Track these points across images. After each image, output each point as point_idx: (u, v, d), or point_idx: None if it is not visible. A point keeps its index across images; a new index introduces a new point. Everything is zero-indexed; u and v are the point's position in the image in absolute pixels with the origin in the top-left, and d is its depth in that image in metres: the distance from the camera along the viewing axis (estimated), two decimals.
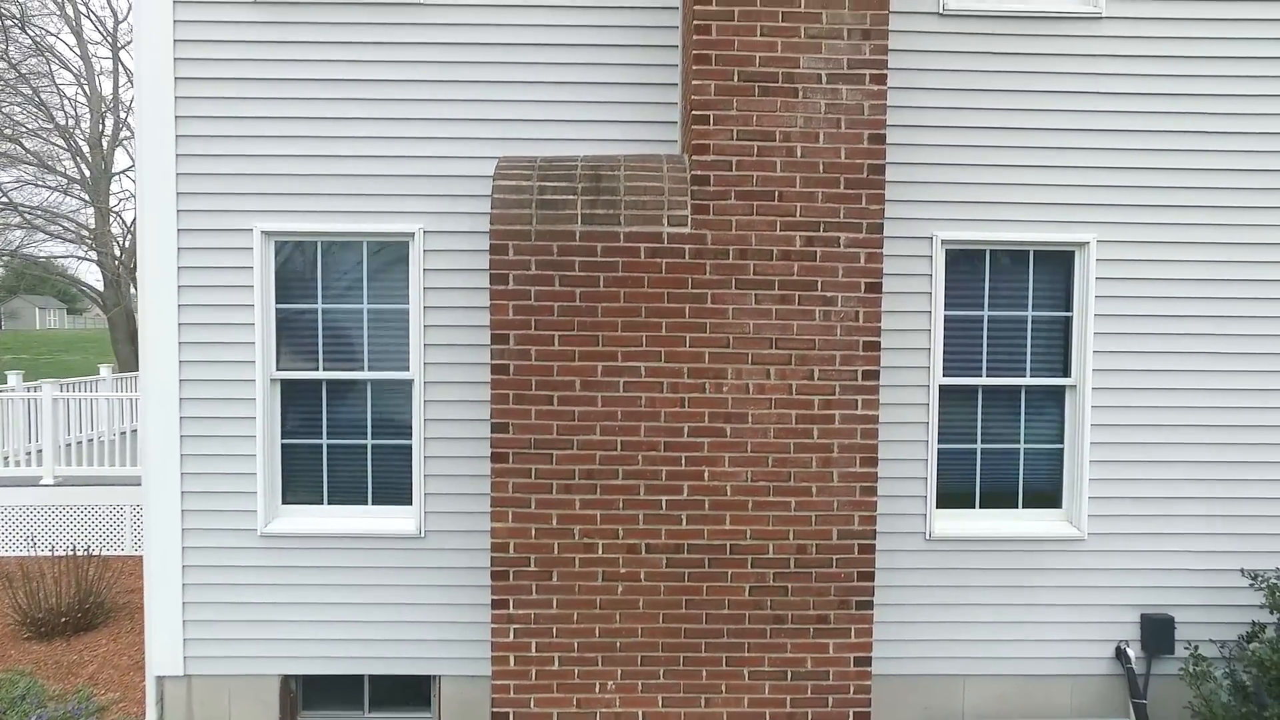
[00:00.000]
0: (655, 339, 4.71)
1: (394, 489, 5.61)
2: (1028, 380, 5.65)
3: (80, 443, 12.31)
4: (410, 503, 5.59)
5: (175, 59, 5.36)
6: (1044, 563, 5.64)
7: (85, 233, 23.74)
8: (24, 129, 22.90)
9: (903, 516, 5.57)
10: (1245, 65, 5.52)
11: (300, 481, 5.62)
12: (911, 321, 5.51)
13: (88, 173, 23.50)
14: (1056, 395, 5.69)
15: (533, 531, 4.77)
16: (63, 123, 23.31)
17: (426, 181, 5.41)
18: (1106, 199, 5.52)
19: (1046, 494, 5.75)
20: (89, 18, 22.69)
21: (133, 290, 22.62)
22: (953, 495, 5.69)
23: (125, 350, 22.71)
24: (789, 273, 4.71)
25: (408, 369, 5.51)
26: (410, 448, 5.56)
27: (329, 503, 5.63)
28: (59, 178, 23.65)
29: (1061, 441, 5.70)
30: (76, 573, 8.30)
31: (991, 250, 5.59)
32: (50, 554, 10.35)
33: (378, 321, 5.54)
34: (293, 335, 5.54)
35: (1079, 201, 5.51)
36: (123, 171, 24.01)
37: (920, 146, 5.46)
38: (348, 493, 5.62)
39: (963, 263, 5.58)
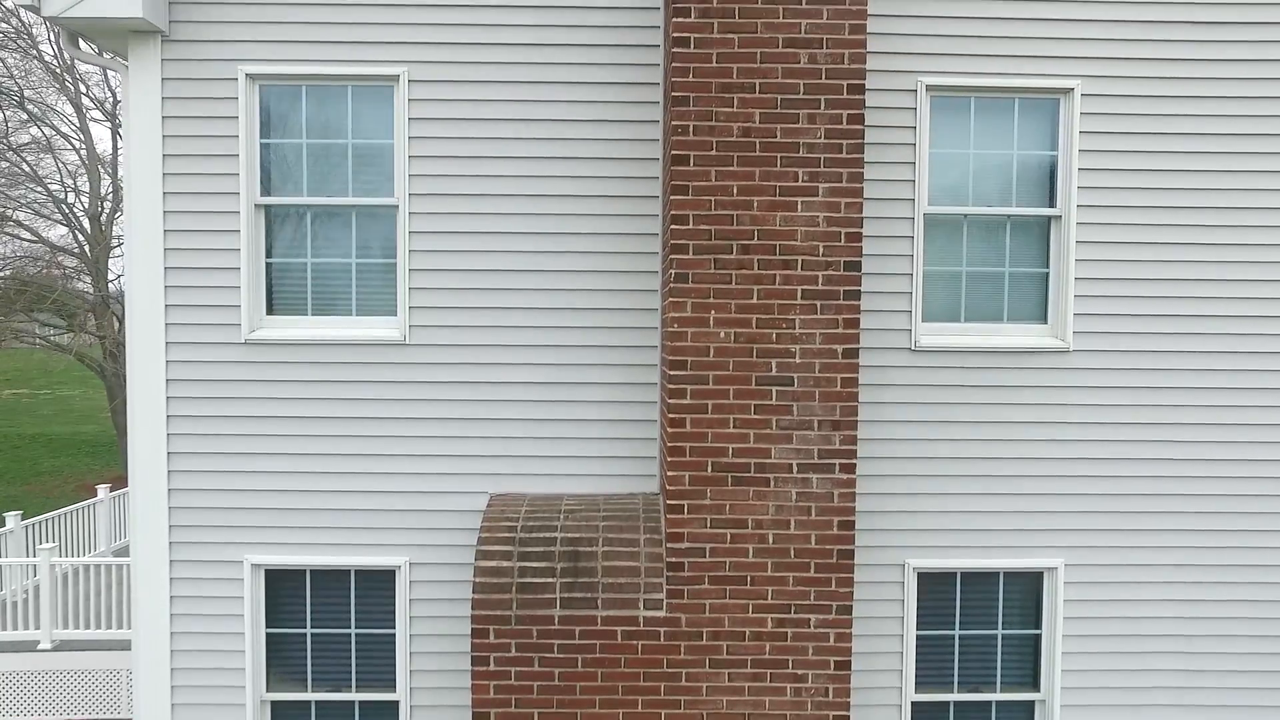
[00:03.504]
0: (631, 715, 4.86)
1: None
2: (998, 696, 5.80)
3: (78, 570, 12.42)
4: None
5: (168, 397, 5.51)
6: None
7: (85, 305, 23.91)
8: (20, 204, 23.06)
9: None
10: (1214, 395, 5.66)
11: None
12: (883, 645, 5.66)
13: (86, 246, 23.67)
14: (1026, 706, 5.84)
15: None
16: (60, 195, 23.49)
17: (413, 515, 5.56)
18: (1075, 524, 5.66)
19: None
20: (88, 95, 22.77)
21: None
22: None
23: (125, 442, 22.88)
24: (761, 652, 4.87)
25: (394, 690, 5.66)
26: None
27: None
28: (55, 250, 23.82)
29: None
30: None
31: (963, 572, 5.74)
32: None
33: (365, 645, 5.69)
34: (283, 659, 5.69)
35: (1049, 527, 5.66)
36: (120, 244, 24.16)
37: (890, 478, 5.60)
38: None
39: (935, 585, 5.73)
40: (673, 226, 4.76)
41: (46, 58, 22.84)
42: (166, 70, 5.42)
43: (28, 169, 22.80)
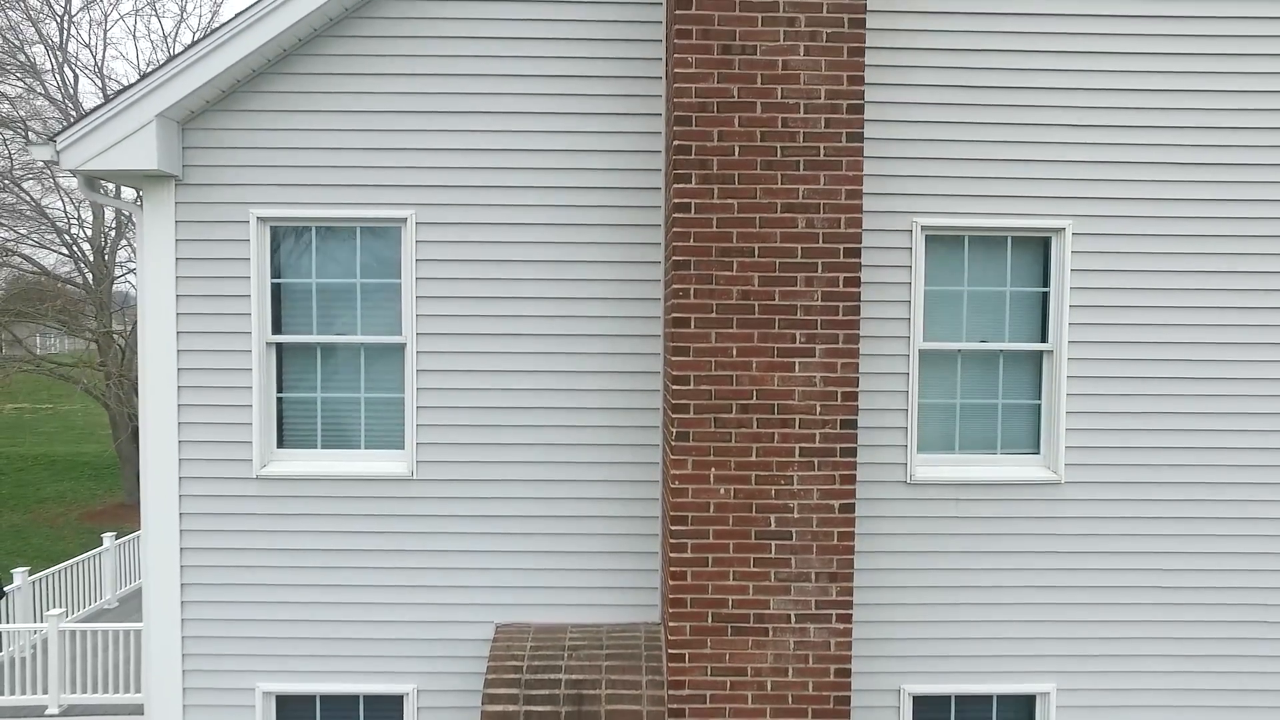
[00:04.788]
0: None
1: None
2: None
3: (85, 633, 12.52)
4: None
5: (181, 530, 5.65)
6: None
7: (90, 336, 24.04)
8: (22, 236, 23.18)
9: None
10: (1205, 525, 5.80)
11: None
12: None
13: (90, 275, 23.83)
14: None
15: None
16: (64, 226, 23.66)
17: (421, 644, 5.70)
18: (1067, 650, 5.80)
19: None
20: None
21: (138, 400, 22.86)
22: None
23: (131, 482, 23.56)
24: None
25: None
26: None
27: None
28: (58, 281, 23.99)
29: None
30: None
31: (957, 696, 5.88)
32: None
33: None
34: None
35: (1041, 653, 5.80)
36: (126, 275, 24.35)
37: (886, 606, 5.74)
38: None
39: (929, 709, 5.87)
40: (674, 387, 4.89)
41: (50, 88, 23.04)
42: (180, 213, 5.55)
43: (31, 200, 22.95)
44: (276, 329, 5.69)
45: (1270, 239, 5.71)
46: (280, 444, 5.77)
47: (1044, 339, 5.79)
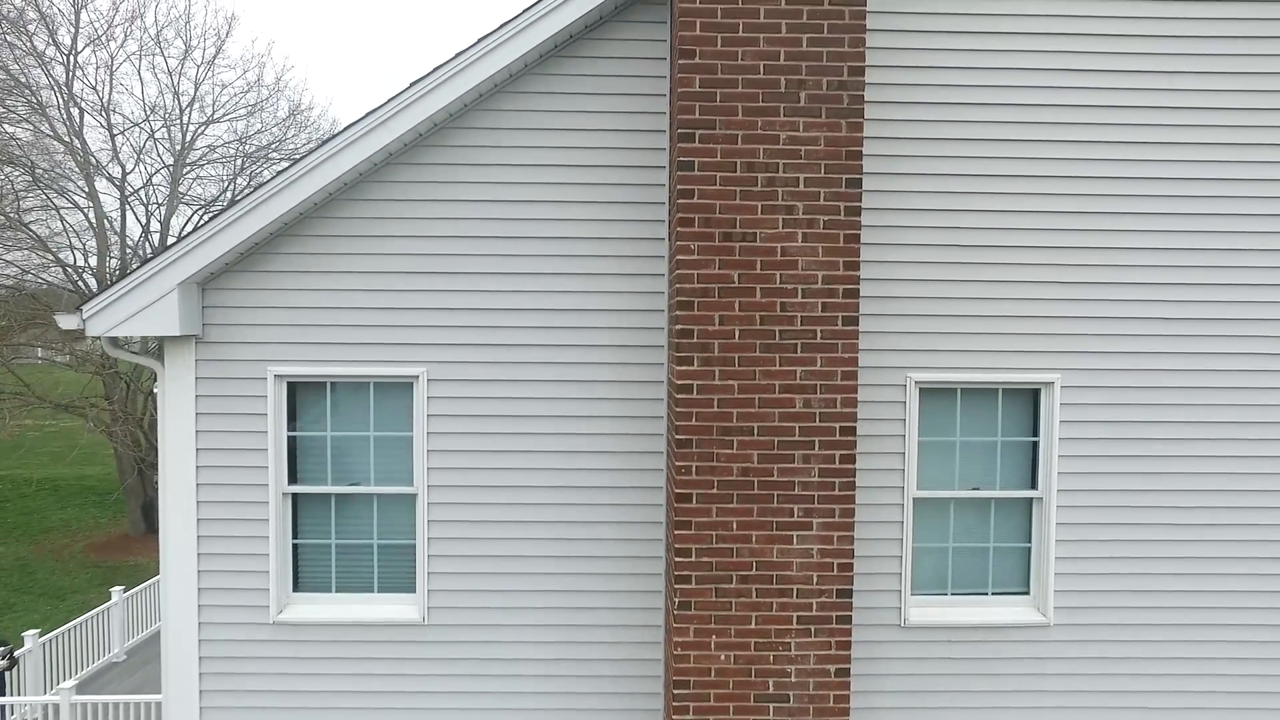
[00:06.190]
0: None
1: None
2: None
3: (97, 704, 12.66)
4: None
5: (201, 674, 5.86)
6: None
7: (94, 370, 24.25)
8: (25, 270, 23.41)
9: None
10: (1193, 665, 6.01)
11: None
12: None
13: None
14: None
15: None
16: (69, 260, 23.92)
17: None
18: None
19: None
20: (98, 170, 23.08)
21: (142, 437, 23.10)
22: None
23: (135, 515, 23.90)
24: None
25: None
26: None
27: None
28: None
29: None
30: None
31: None
32: None
33: None
34: None
35: None
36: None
37: None
38: None
39: None
40: (676, 559, 5.10)
41: (56, 125, 23.21)
42: (200, 370, 5.76)
43: (33, 234, 23.17)
44: (293, 479, 5.90)
45: (1256, 390, 5.90)
46: (296, 587, 5.98)
47: (1034, 486, 5.99)
